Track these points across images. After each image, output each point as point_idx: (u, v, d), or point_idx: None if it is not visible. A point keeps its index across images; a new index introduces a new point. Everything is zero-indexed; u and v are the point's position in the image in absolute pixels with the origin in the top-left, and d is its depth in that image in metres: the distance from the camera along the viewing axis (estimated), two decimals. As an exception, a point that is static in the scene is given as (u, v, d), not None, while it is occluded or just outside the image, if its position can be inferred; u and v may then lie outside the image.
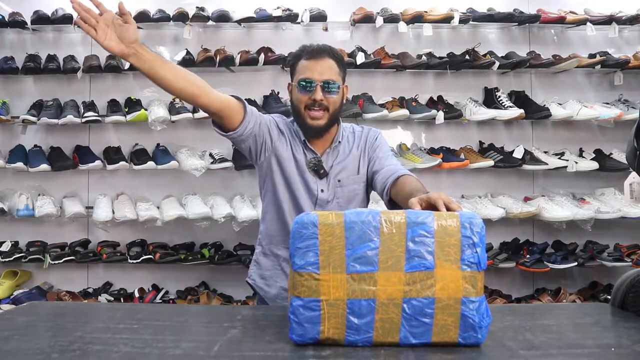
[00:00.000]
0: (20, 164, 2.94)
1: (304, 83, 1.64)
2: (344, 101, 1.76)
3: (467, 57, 3.05)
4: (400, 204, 1.53)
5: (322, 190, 1.71)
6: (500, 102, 3.06)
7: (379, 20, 3.02)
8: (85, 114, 2.96)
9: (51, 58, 3.07)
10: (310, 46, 1.70)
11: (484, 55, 3.08)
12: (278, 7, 3.07)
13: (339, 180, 1.72)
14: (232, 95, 1.64)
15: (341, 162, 1.73)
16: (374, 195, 1.81)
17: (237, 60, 3.01)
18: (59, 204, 3.04)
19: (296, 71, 1.70)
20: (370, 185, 1.76)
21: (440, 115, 2.99)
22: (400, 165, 1.70)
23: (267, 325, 1.10)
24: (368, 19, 3.03)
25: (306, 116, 1.66)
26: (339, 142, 1.75)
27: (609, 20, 3.08)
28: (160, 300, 3.00)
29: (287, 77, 1.81)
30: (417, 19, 3.03)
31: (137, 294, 3.01)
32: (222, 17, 3.00)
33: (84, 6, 1.40)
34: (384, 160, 1.71)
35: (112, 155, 3.06)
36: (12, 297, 2.94)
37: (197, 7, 3.05)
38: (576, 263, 2.94)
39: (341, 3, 3.16)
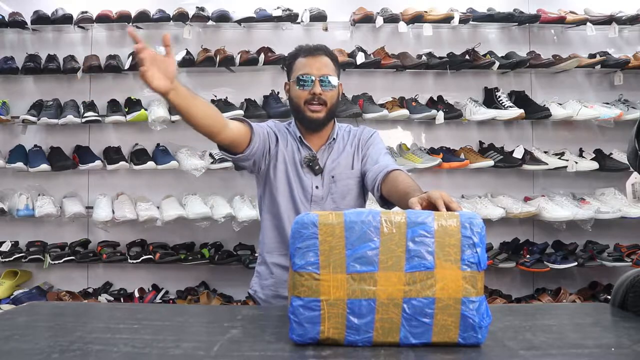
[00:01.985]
0: (20, 164, 2.94)
1: (302, 78, 1.69)
2: (339, 98, 1.80)
3: (467, 57, 3.05)
4: (394, 202, 1.54)
5: (316, 187, 1.73)
6: (500, 102, 3.05)
7: (379, 20, 3.02)
8: (85, 114, 2.97)
9: (51, 58, 3.07)
10: (306, 45, 1.76)
11: (484, 55, 3.08)
12: (278, 7, 3.07)
13: (332, 176, 1.74)
14: (236, 118, 1.66)
15: (336, 159, 1.76)
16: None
17: (237, 60, 3.00)
18: (59, 204, 3.04)
19: (294, 69, 1.74)
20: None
21: (440, 115, 2.99)
22: (393, 162, 1.70)
23: (267, 325, 1.10)
24: (368, 19, 3.03)
25: (306, 110, 1.70)
26: (334, 139, 1.78)
27: (609, 20, 3.07)
28: (160, 300, 3.00)
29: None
30: (417, 19, 3.03)
31: (137, 294, 3.01)
32: (222, 17, 3.00)
33: (151, 52, 1.30)
34: (376, 158, 1.72)
35: (112, 155, 3.06)
36: (12, 297, 2.94)
37: (197, 7, 3.05)
38: (576, 263, 2.94)
39: (341, 3, 3.16)
